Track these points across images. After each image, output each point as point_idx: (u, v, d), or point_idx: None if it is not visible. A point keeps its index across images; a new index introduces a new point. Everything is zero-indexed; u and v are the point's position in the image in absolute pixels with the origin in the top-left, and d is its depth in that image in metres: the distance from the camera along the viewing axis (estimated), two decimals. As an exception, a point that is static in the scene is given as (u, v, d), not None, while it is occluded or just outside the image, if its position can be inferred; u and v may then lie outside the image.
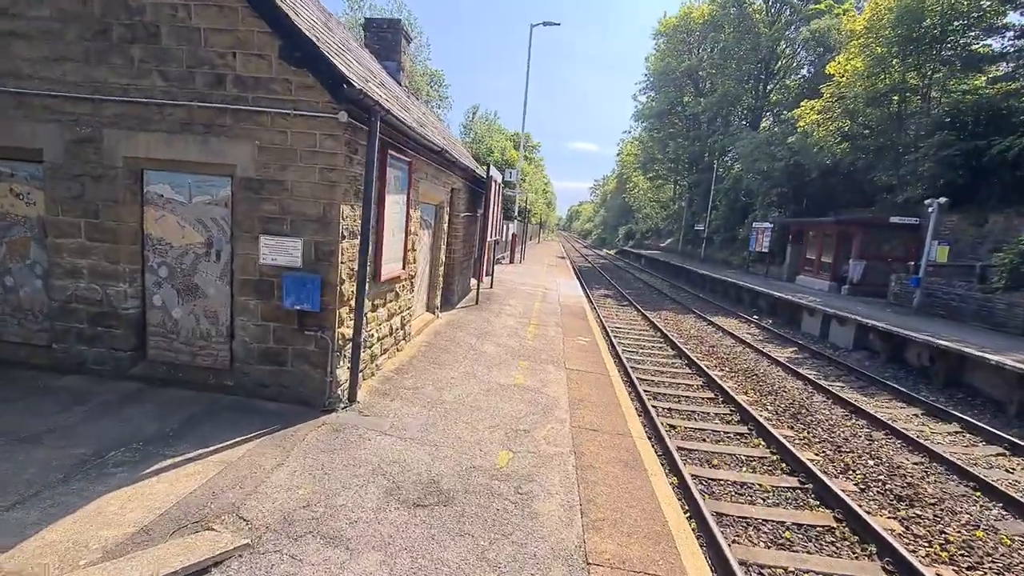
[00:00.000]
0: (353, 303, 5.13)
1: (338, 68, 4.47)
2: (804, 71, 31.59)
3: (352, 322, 5.08)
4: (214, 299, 5.14)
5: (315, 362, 4.90)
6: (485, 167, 11.01)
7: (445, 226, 9.31)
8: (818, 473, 5.65)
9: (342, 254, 4.86)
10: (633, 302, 20.96)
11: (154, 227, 5.10)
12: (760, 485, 5.53)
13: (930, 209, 16.16)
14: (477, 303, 11.50)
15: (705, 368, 10.57)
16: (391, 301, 6.49)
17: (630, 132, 50.81)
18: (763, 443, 6.72)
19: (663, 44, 39.99)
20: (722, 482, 5.56)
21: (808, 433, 7.34)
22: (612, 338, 12.08)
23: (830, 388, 9.73)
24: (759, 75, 33.13)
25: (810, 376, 10.73)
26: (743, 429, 7.18)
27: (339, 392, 5.04)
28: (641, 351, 11.99)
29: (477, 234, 12.84)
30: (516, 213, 22.73)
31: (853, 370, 11.66)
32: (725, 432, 7.04)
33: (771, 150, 26.21)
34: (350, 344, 5.09)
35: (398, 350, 7.01)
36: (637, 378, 9.31)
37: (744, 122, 34.21)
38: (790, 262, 25.60)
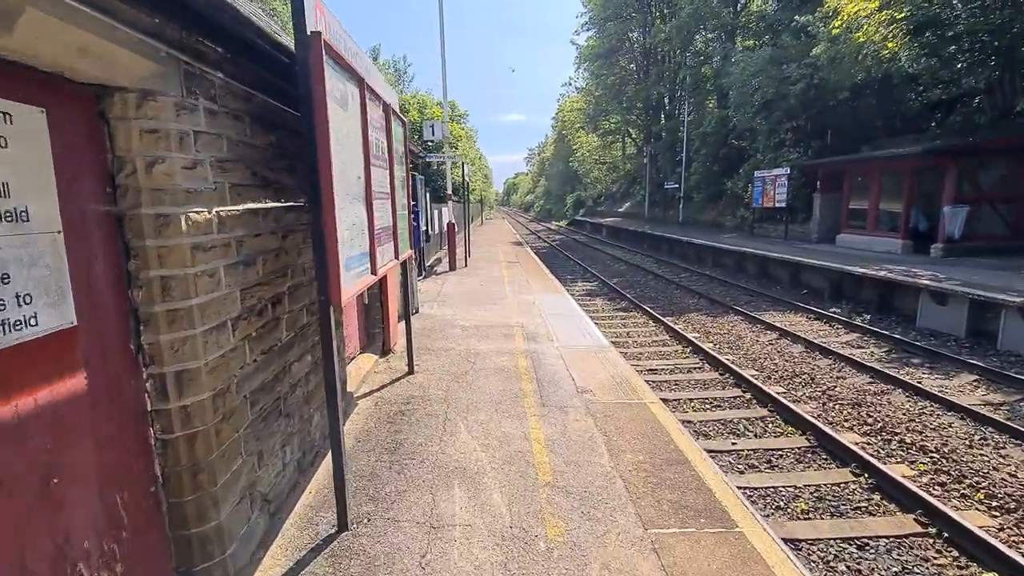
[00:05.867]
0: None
1: None
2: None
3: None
4: None
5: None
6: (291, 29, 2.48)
7: None
8: None
9: None
10: (634, 300, 13.33)
11: None
12: None
13: None
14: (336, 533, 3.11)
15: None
16: None
17: (571, 84, 42.56)
18: None
19: (604, -35, 31.54)
20: None
21: None
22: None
23: None
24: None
25: None
26: None
27: None
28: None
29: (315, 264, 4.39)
30: (450, 191, 14.17)
31: None
32: None
33: (781, 71, 18.76)
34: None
35: None
36: None
37: (714, 46, 26.64)
38: (821, 217, 18.54)
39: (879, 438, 6.00)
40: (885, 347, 9.35)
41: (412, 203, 11.72)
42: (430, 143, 17.46)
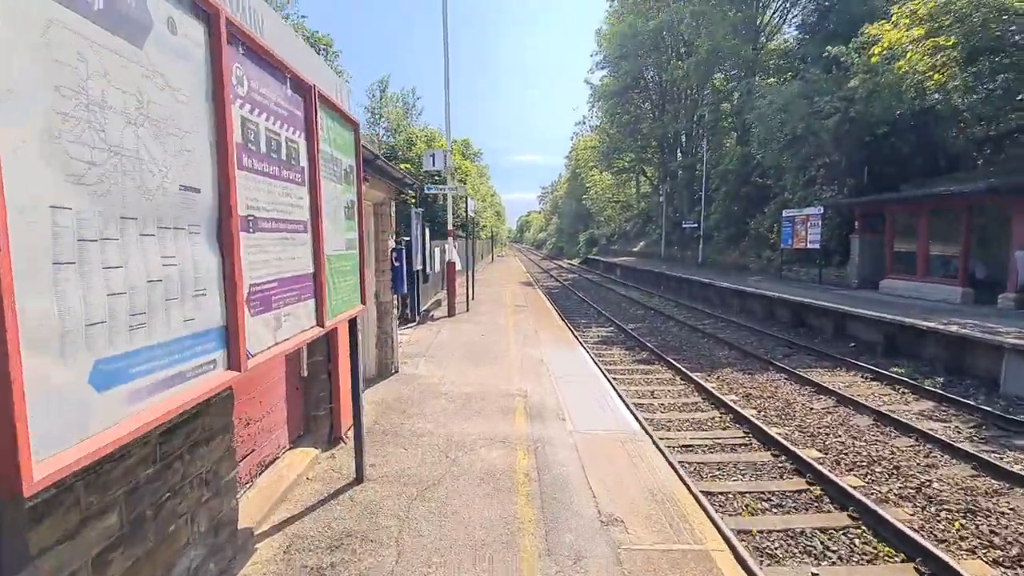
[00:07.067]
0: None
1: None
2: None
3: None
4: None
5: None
6: None
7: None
8: None
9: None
10: (657, 351, 11.54)
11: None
12: None
13: None
14: None
15: None
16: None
17: (584, 122, 41.90)
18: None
19: (619, 4, 31.01)
20: None
21: None
22: None
23: None
24: (752, 24, 24.44)
25: None
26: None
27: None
28: None
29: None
30: (451, 225, 12.69)
31: None
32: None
33: (812, 104, 17.35)
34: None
35: None
36: None
37: (734, 84, 25.51)
38: (861, 260, 16.68)
39: (1021, 571, 4.12)
40: (972, 421, 7.45)
41: (404, 239, 10.20)
42: (436, 177, 16.19)
